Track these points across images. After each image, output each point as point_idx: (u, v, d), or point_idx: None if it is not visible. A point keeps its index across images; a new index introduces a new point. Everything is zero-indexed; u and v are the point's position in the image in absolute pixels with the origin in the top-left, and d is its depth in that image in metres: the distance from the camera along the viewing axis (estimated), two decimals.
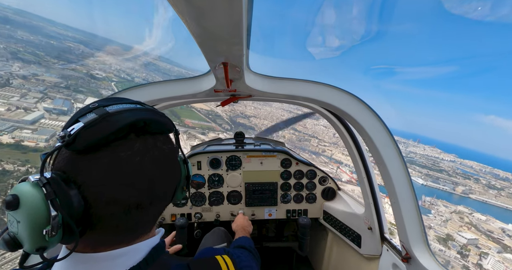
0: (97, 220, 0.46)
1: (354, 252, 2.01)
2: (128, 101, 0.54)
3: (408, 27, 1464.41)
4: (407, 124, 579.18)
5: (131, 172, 0.47)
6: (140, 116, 0.49)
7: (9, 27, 45.72)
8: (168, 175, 0.56)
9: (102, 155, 0.45)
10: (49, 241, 0.42)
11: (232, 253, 0.71)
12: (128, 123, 0.47)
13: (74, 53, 43.54)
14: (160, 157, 0.52)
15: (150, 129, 0.51)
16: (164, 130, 0.56)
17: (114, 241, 0.50)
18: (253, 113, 38.87)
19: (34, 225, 0.41)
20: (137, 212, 0.49)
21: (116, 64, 49.22)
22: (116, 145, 0.46)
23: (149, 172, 0.49)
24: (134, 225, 0.51)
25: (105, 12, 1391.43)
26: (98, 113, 0.47)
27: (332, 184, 2.48)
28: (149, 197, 0.50)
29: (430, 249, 1.36)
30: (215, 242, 1.69)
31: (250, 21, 0.73)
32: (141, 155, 0.48)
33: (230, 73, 1.10)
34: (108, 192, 0.45)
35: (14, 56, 32.99)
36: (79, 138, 0.44)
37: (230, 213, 2.41)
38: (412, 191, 1.36)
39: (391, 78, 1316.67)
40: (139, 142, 0.49)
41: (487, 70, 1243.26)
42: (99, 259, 0.48)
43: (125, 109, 0.50)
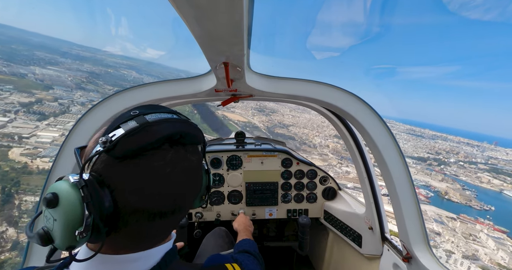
0: (123, 225, 0.47)
1: (355, 252, 2.01)
2: (165, 111, 0.56)
3: (409, 26, 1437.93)
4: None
5: (161, 181, 0.48)
6: (177, 129, 0.51)
7: (78, 62, 52.42)
8: (194, 185, 0.57)
9: (137, 162, 0.47)
10: (79, 241, 0.44)
11: (240, 261, 0.73)
12: (166, 135, 0.48)
13: (127, 79, 49.26)
14: (189, 168, 0.53)
15: (183, 141, 0.53)
16: (195, 142, 0.57)
17: (134, 245, 0.51)
18: (291, 122, 38.55)
19: (68, 225, 0.43)
20: (161, 220, 0.50)
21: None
22: (151, 154, 0.48)
23: (178, 183, 0.51)
24: (155, 232, 0.52)
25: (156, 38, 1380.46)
26: (138, 122, 0.49)
27: (333, 183, 2.48)
28: (173, 206, 0.51)
29: (431, 249, 1.36)
30: (217, 242, 1.69)
31: (251, 20, 0.73)
32: (172, 166, 0.49)
33: (231, 73, 1.10)
34: (137, 199, 0.47)
35: (78, 86, 37.45)
36: (119, 145, 0.46)
37: (231, 212, 2.41)
38: (413, 190, 1.35)
39: (393, 78, 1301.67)
40: (172, 153, 0.50)
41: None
42: (118, 261, 0.49)
43: (163, 120, 0.51)
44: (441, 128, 74.22)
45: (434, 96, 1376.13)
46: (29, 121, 23.73)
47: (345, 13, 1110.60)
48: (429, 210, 28.00)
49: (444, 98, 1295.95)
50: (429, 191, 32.97)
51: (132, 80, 51.53)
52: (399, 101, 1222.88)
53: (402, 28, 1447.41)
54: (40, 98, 29.23)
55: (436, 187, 34.60)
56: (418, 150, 47.22)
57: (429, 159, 44.18)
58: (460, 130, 35.04)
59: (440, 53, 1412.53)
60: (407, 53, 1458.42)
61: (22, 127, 20.96)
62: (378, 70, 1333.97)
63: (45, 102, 28.55)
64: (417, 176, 37.16)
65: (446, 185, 35.38)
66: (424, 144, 49.58)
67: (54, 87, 34.16)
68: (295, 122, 37.87)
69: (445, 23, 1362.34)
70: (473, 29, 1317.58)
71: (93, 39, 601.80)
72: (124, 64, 63.64)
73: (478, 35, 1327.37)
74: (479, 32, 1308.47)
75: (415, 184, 9.37)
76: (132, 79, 50.43)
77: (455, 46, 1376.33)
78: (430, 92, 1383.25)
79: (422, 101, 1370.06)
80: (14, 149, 17.64)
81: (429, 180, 36.93)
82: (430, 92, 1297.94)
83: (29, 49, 52.35)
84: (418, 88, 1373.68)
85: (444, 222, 25.82)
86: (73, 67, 47.70)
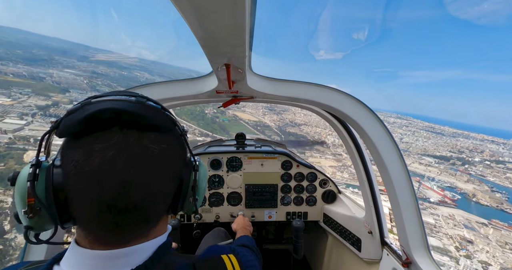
0: (78, 213, 0.47)
1: (354, 256, 2.00)
2: (126, 93, 0.51)
3: (411, 29, 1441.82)
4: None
5: (100, 167, 0.43)
6: (112, 106, 0.45)
7: (94, 64, 53.94)
8: (155, 179, 0.48)
9: (81, 144, 0.44)
10: (31, 222, 0.45)
11: (237, 251, 0.70)
12: (94, 111, 0.44)
13: (139, 81, 50.37)
14: (142, 156, 0.46)
15: (132, 123, 0.47)
16: (154, 127, 0.49)
17: (118, 240, 0.49)
18: (303, 121, 37.65)
19: (17, 203, 0.45)
20: (116, 215, 0.45)
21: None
22: (96, 136, 0.44)
23: (123, 170, 0.44)
24: (116, 227, 0.47)
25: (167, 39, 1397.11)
26: (83, 102, 0.47)
27: (333, 187, 2.47)
28: (124, 200, 0.44)
29: (431, 254, 1.35)
30: (215, 242, 1.69)
31: (253, 22, 0.73)
32: (116, 150, 0.44)
33: (232, 75, 1.10)
34: (77, 184, 0.44)
35: (93, 89, 38.36)
36: (61, 124, 0.45)
37: (230, 214, 2.41)
38: (413, 195, 1.35)
39: (394, 81, 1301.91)
40: (118, 136, 0.45)
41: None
42: (107, 257, 0.48)
43: (107, 99, 0.47)
44: (459, 125, 68.18)
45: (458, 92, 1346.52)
46: (45, 124, 24.15)
47: (347, 16, 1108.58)
48: (457, 214, 25.18)
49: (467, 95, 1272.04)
50: (455, 193, 29.58)
51: (145, 82, 54.36)
52: (411, 97, 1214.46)
53: (404, 31, 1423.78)
54: (56, 101, 29.83)
55: (462, 189, 31.46)
56: (440, 149, 44.53)
57: (452, 158, 41.08)
58: (483, 127, 34.07)
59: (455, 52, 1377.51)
60: (409, 56, 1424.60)
61: (38, 130, 21.30)
62: (379, 73, 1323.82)
63: (61, 105, 29.10)
64: (440, 176, 34.24)
65: (473, 187, 32.28)
66: (445, 142, 46.89)
67: (70, 90, 34.79)
68: (307, 121, 36.86)
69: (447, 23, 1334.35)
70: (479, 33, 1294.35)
71: (106, 40, 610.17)
72: (138, 66, 65.10)
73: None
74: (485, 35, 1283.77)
75: (440, 185, 9.06)
76: (145, 80, 51.82)
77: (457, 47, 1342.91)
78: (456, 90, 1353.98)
79: (447, 98, 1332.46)
80: (29, 151, 17.68)
81: (454, 181, 33.41)
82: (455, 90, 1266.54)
83: (48, 54, 54.14)
84: (445, 85, 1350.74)
85: (475, 228, 23.24)
86: (88, 70, 49.02)
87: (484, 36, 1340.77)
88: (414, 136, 47.45)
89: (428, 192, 22.14)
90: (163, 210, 0.55)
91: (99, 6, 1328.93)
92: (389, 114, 51.45)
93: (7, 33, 70.70)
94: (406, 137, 46.39)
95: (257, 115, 41.56)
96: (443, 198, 24.97)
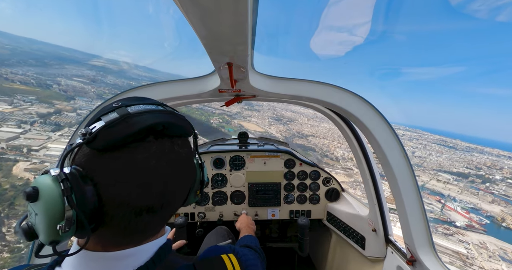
0: (108, 219, 0.47)
1: (358, 254, 1.99)
2: (150, 102, 0.54)
3: (414, 27, 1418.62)
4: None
5: (145, 174, 0.47)
6: (160, 120, 0.49)
7: (102, 73, 55.79)
8: (183, 179, 0.56)
9: (119, 155, 0.46)
10: (62, 236, 0.44)
11: (237, 251, 0.71)
12: (146, 126, 0.47)
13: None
14: (176, 160, 0.52)
15: (168, 133, 0.51)
16: (182, 134, 0.55)
17: (123, 241, 0.51)
18: (310, 132, 36.26)
19: (49, 219, 0.42)
20: (148, 215, 0.49)
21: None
22: (134, 147, 0.46)
23: (164, 175, 0.49)
24: (143, 227, 0.51)
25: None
26: (119, 113, 0.47)
27: (336, 185, 2.46)
28: (161, 201, 0.50)
29: (436, 252, 1.34)
30: (218, 240, 1.70)
31: (255, 21, 0.73)
32: (157, 158, 0.48)
33: (235, 74, 1.10)
34: (121, 193, 0.46)
35: (99, 97, 39.22)
36: (99, 136, 0.45)
37: (233, 213, 2.42)
38: (417, 193, 1.34)
39: (398, 79, 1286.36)
40: (156, 145, 0.49)
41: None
42: (109, 258, 0.49)
43: (145, 111, 0.50)
44: (471, 139, 63.38)
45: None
46: (43, 132, 23.51)
47: (350, 13, 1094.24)
48: (488, 241, 21.55)
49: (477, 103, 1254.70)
50: (482, 216, 25.80)
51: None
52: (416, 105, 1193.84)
53: (407, 28, 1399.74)
54: (59, 109, 29.65)
55: (488, 211, 27.74)
56: (455, 164, 40.98)
57: (470, 175, 37.06)
58: (496, 142, 32.21)
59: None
60: (412, 54, 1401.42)
61: (34, 139, 20.57)
62: (383, 71, 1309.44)
63: (64, 112, 28.92)
64: (462, 195, 30.63)
65: (500, 208, 28.45)
66: (460, 157, 43.26)
67: (76, 98, 35.09)
68: (314, 132, 35.62)
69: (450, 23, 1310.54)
70: (482, 29, 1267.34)
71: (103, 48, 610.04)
72: (146, 77, 66.25)
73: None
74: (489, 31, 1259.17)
75: (463, 206, 8.41)
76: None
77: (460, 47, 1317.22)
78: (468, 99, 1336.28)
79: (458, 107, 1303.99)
80: (20, 163, 16.65)
81: (478, 202, 29.34)
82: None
83: (59, 63, 55.25)
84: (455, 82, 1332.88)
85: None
86: (97, 79, 50.15)
87: None
88: (426, 149, 44.35)
89: (452, 214, 19.46)
90: (180, 206, 0.60)
91: (103, 10, 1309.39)
92: (397, 127, 47.10)
93: (22, 43, 72.37)
94: (418, 151, 43.48)
95: (263, 126, 40.83)
96: (469, 222, 21.94)
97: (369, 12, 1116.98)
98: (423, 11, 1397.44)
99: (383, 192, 1.76)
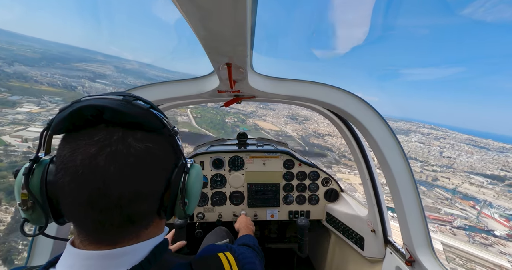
0: (65, 210, 0.48)
1: (357, 255, 1.99)
2: (117, 93, 0.52)
3: (413, 28, 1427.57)
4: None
5: (82, 162, 0.43)
6: (96, 103, 0.46)
7: (123, 75, 57.39)
8: (137, 178, 0.47)
9: (69, 140, 0.47)
10: (25, 214, 0.49)
11: (234, 249, 0.70)
12: (77, 107, 0.46)
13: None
14: (124, 153, 0.45)
15: (117, 121, 0.47)
16: (140, 125, 0.49)
17: (98, 239, 0.49)
18: (327, 131, 34.88)
19: (16, 196, 0.49)
20: (101, 212, 0.45)
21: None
22: (83, 133, 0.46)
23: (103, 167, 0.43)
24: (101, 227, 0.46)
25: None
26: (74, 100, 0.49)
27: (335, 185, 2.46)
28: (106, 198, 0.44)
29: (435, 252, 1.35)
30: (217, 241, 1.69)
31: (254, 22, 0.73)
32: (99, 147, 0.44)
33: (234, 74, 1.10)
34: (61, 179, 0.45)
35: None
36: (54, 122, 0.48)
37: (233, 213, 2.41)
38: (416, 193, 1.34)
39: (396, 79, 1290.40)
40: (102, 133, 0.45)
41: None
42: (102, 257, 0.48)
43: (96, 98, 0.49)
44: (503, 138, 57.20)
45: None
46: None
47: (348, 14, 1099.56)
48: None
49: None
50: None
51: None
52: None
53: (406, 29, 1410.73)
54: None
55: None
56: (489, 166, 36.17)
57: (506, 178, 32.63)
58: None
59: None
60: (411, 54, 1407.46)
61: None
62: (382, 71, 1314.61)
63: None
64: (498, 201, 26.78)
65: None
66: (493, 158, 38.03)
67: None
68: (331, 132, 33.86)
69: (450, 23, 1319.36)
70: (479, 30, 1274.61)
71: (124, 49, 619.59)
72: (164, 77, 67.76)
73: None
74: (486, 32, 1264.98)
75: (501, 213, 7.42)
76: None
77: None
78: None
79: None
80: None
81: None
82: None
83: (84, 65, 56.54)
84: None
85: None
86: (118, 81, 51.34)
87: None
88: (454, 149, 39.91)
89: (489, 221, 16.91)
90: (150, 211, 0.52)
91: (102, 11, 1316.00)
92: (421, 125, 44.56)
93: (51, 47, 74.54)
94: (446, 151, 39.13)
95: (279, 125, 39.67)
96: (510, 231, 18.54)
97: (368, 13, 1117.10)
98: (423, 11, 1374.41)
99: (382, 193, 1.77)
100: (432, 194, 18.14)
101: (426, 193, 19.28)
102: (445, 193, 18.28)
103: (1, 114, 23.51)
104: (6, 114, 23.67)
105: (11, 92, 30.47)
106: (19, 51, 54.60)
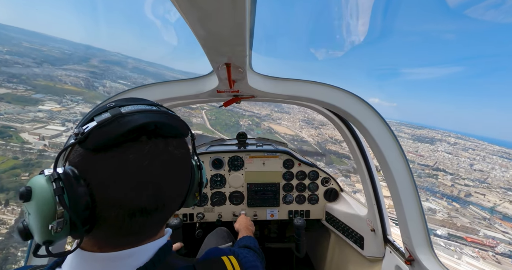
0: (102, 220, 0.46)
1: (357, 254, 2.00)
2: (144, 103, 0.54)
3: (412, 27, 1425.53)
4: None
5: (138, 175, 0.46)
6: (152, 119, 0.49)
7: (143, 76, 58.30)
8: (178, 180, 0.55)
9: (112, 155, 0.45)
10: (55, 236, 0.44)
11: (238, 253, 0.71)
12: (137, 125, 0.46)
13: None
14: (170, 161, 0.51)
15: (162, 133, 0.50)
16: (177, 134, 0.54)
17: (119, 242, 0.50)
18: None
19: (41, 219, 0.42)
20: (142, 216, 0.48)
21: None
22: (127, 147, 0.46)
23: (157, 176, 0.49)
24: (138, 229, 0.50)
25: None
26: (112, 113, 0.48)
27: (335, 185, 2.47)
28: (155, 202, 0.49)
29: (434, 252, 1.35)
30: (218, 241, 1.69)
31: (253, 22, 0.73)
32: (150, 159, 0.47)
33: (233, 74, 1.10)
34: (113, 194, 0.45)
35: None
36: (91, 136, 0.45)
37: (232, 213, 2.41)
38: (415, 192, 1.34)
39: (395, 79, 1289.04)
40: (149, 145, 0.48)
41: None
42: (107, 259, 0.49)
43: (138, 111, 0.50)
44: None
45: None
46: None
47: (347, 13, 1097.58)
48: None
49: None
50: None
51: None
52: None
53: (405, 28, 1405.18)
54: None
55: None
56: None
57: None
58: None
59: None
60: (411, 54, 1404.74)
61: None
62: (381, 71, 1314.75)
63: None
64: None
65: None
66: None
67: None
68: None
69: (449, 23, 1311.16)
70: (479, 29, 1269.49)
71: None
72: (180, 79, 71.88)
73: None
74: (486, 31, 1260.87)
75: None
76: None
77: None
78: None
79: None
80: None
81: None
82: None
83: (106, 66, 57.23)
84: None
85: None
86: (138, 82, 51.71)
87: None
88: (486, 162, 35.71)
89: None
90: (175, 210, 0.59)
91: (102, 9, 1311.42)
92: (447, 133, 40.35)
93: (79, 49, 76.22)
94: (477, 163, 34.84)
95: (294, 129, 38.66)
96: None
97: (367, 13, 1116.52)
98: (422, 11, 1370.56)
99: (381, 192, 1.77)
100: (467, 212, 15.62)
101: (461, 210, 16.66)
102: (481, 212, 15.81)
103: (23, 112, 23.56)
104: (28, 112, 23.74)
105: (36, 90, 30.56)
106: (50, 52, 55.37)
